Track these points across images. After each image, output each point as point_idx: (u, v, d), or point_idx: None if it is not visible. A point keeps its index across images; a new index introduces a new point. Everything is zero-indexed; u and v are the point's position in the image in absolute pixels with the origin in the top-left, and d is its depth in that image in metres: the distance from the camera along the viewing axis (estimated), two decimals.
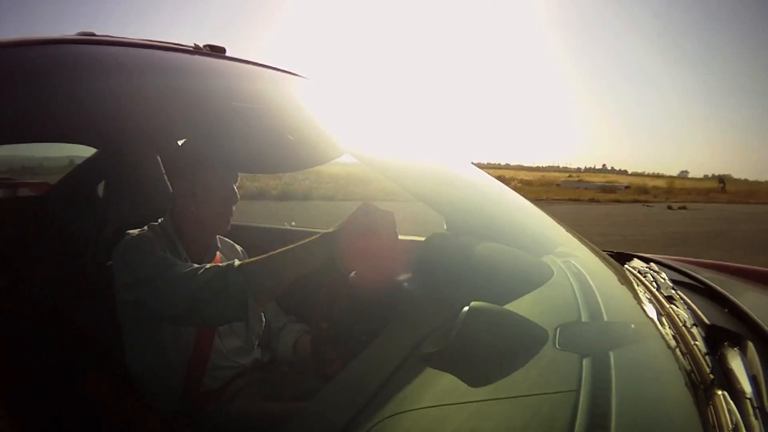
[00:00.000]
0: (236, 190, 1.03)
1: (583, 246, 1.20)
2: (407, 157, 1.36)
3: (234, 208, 1.04)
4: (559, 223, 1.32)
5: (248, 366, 1.03)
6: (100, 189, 1.26)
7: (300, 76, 1.34)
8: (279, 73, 1.28)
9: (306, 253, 0.81)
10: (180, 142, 1.34)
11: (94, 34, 0.94)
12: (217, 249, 1.08)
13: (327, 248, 0.80)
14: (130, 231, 0.98)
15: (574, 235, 1.26)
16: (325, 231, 0.82)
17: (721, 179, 28.00)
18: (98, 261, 1.10)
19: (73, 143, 1.31)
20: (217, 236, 1.10)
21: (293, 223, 1.83)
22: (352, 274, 0.91)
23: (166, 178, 1.26)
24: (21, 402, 0.60)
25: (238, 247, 1.18)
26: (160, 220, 1.03)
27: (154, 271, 0.86)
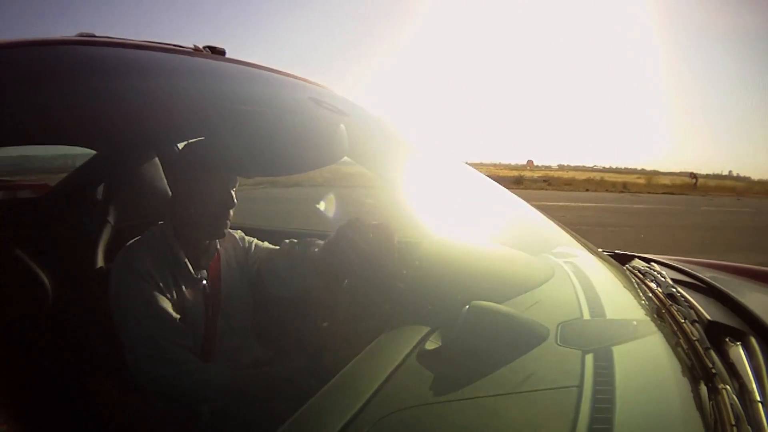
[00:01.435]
0: (234, 194, 1.02)
1: (582, 246, 1.21)
2: (407, 159, 1.36)
3: (231, 212, 1.03)
4: (558, 224, 1.32)
5: (249, 365, 1.02)
6: (100, 191, 1.26)
7: (300, 78, 1.35)
8: (279, 75, 1.29)
9: None
10: (180, 145, 1.34)
11: (94, 35, 0.94)
12: (217, 250, 1.08)
13: None
14: (126, 249, 0.99)
15: (573, 235, 1.27)
16: None
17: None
18: (98, 263, 1.10)
19: (72, 145, 1.31)
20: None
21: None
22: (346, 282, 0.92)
23: (165, 180, 1.26)
24: (21, 403, 0.59)
25: (237, 234, 1.17)
26: (160, 223, 1.03)
27: (141, 333, 0.91)
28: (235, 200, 1.03)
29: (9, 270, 1.03)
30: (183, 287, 0.99)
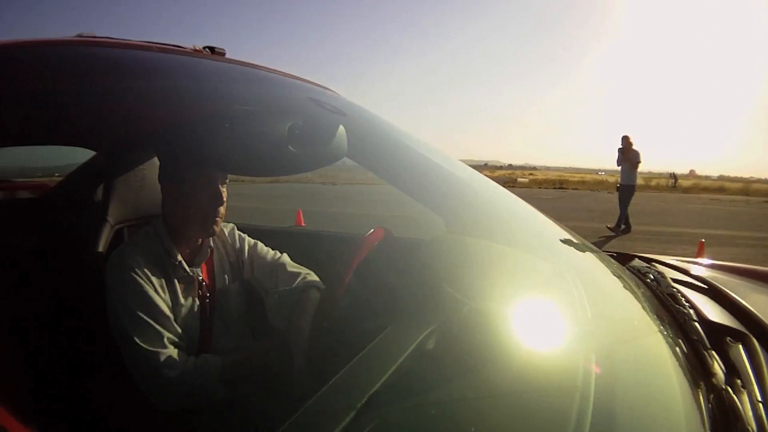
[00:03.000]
0: (222, 192, 1.02)
1: (583, 246, 1.20)
2: (407, 159, 1.36)
3: (222, 210, 1.02)
4: (558, 224, 1.32)
5: None
6: (100, 191, 1.26)
7: (300, 78, 1.35)
8: (279, 75, 1.29)
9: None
10: None
11: (94, 35, 0.94)
12: (210, 248, 1.08)
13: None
14: (119, 250, 0.99)
15: (573, 235, 1.26)
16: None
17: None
18: (97, 263, 1.10)
19: (72, 146, 1.31)
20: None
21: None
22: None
23: None
24: (22, 402, 0.59)
25: (227, 228, 1.17)
26: (154, 221, 1.04)
27: (135, 330, 0.90)
28: (225, 198, 1.02)
29: (9, 271, 1.03)
30: (178, 285, 0.99)
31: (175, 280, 0.99)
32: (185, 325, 0.98)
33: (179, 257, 1.01)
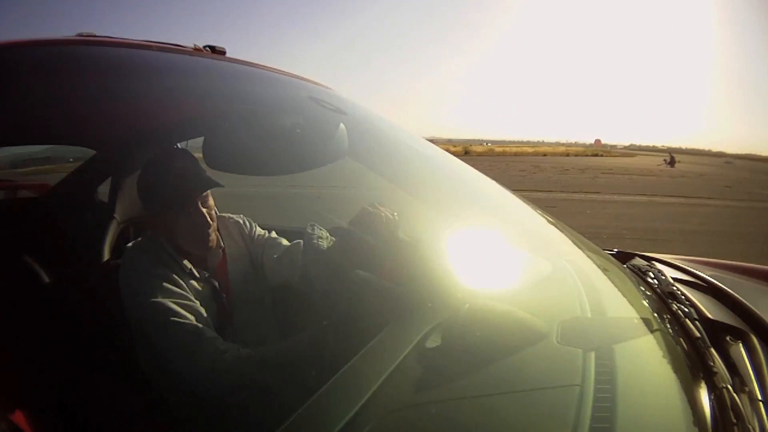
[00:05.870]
0: (208, 212, 0.98)
1: (582, 245, 1.20)
2: (407, 157, 1.36)
3: (213, 225, 0.99)
4: (558, 222, 1.32)
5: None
6: (100, 191, 1.26)
7: (300, 77, 1.35)
8: (279, 74, 1.29)
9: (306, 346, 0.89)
10: (180, 145, 1.34)
11: (94, 35, 0.94)
12: (222, 248, 1.06)
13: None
14: (128, 253, 0.97)
15: (573, 234, 1.26)
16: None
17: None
18: (100, 262, 1.10)
19: (73, 145, 1.31)
20: (217, 229, 1.05)
21: None
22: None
23: None
24: (25, 402, 0.60)
25: (240, 219, 1.15)
26: (151, 232, 1.02)
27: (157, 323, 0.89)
28: (209, 218, 0.98)
29: (10, 270, 1.03)
30: (192, 288, 0.98)
31: (186, 285, 0.97)
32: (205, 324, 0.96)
33: (189, 266, 0.99)
